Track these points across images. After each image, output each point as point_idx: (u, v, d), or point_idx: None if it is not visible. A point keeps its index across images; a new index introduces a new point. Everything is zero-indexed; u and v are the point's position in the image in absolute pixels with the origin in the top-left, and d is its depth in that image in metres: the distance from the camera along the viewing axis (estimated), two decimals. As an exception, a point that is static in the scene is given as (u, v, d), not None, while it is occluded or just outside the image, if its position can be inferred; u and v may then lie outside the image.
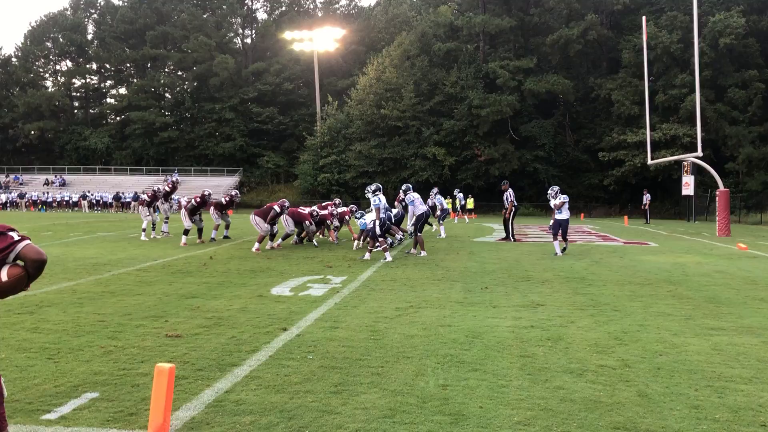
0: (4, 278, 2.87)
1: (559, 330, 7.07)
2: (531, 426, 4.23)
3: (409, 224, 15.52)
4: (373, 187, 15.02)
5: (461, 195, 34.93)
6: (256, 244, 15.50)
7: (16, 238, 2.92)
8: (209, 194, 18.00)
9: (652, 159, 32.73)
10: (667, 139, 42.60)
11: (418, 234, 15.02)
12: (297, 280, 10.59)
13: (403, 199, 16.54)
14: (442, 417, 4.37)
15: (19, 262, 2.91)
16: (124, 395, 4.78)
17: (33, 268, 2.89)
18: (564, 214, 14.89)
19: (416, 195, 15.55)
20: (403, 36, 51.85)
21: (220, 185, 52.06)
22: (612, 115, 47.71)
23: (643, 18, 33.52)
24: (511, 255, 14.53)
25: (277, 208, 16.06)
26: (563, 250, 15.09)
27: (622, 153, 44.93)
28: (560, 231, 14.95)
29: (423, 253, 14.73)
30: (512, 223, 19.16)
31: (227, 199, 18.99)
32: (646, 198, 34.60)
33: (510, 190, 19.16)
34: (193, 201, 17.67)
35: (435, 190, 23.48)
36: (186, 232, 17.25)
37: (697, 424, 4.27)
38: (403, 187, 16.54)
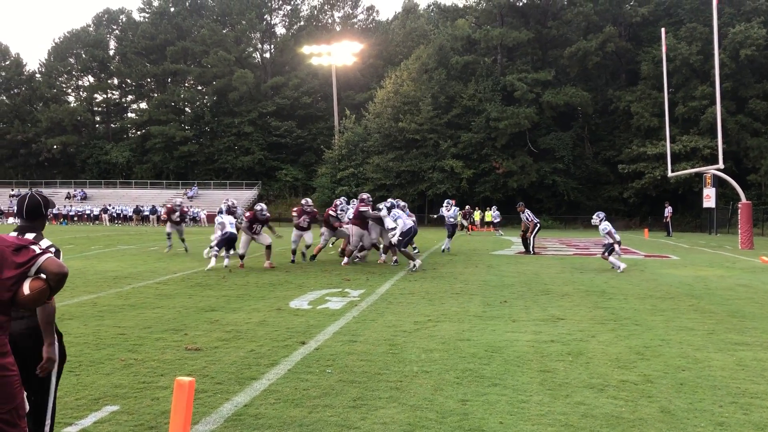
0: (27, 291, 2.89)
1: (580, 344, 7.00)
2: (552, 442, 4.18)
3: (393, 238, 14.32)
4: (387, 204, 15.00)
5: (497, 212, 35.10)
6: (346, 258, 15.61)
7: (38, 251, 2.95)
8: (261, 209, 15.49)
9: (673, 171, 32.45)
10: (688, 151, 42.22)
11: (403, 249, 14.18)
12: (315, 293, 10.59)
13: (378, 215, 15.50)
14: (461, 432, 4.33)
15: (41, 275, 2.93)
16: (144, 408, 4.80)
17: (54, 282, 2.91)
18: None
19: (400, 212, 14.63)
20: (421, 49, 52.02)
21: (239, 198, 52.35)
22: (631, 127, 47.41)
23: (662, 30, 33.37)
24: (530, 268, 14.43)
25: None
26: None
27: (642, 165, 44.58)
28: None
29: (418, 262, 14.21)
30: (534, 237, 19.00)
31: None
32: (668, 211, 34.26)
33: (527, 211, 19.10)
34: (244, 218, 15.81)
35: (450, 201, 22.24)
36: (242, 256, 15.14)
37: (722, 442, 4.20)
38: (387, 203, 15.44)
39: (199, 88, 65.61)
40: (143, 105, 67.28)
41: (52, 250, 3.33)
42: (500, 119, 46.85)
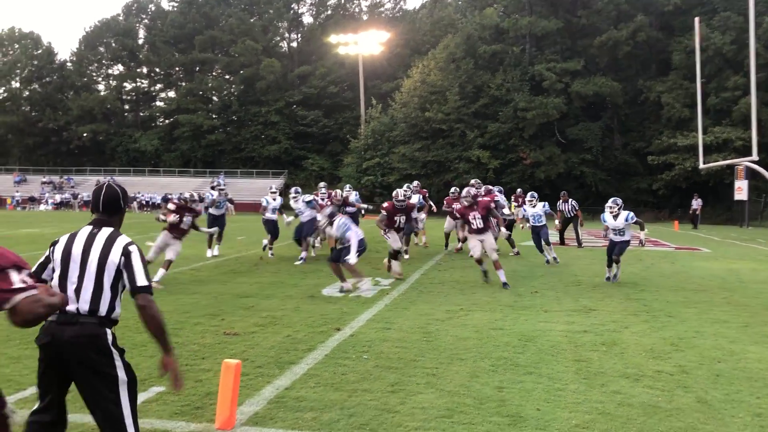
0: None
1: (613, 335, 7.01)
2: (589, 429, 4.24)
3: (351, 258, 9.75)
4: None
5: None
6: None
7: (17, 285, 2.36)
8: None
9: (704, 163, 31.97)
10: (719, 142, 41.50)
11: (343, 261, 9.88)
12: (347, 282, 10.68)
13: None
14: (500, 418, 4.41)
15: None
16: (189, 390, 4.94)
17: (21, 324, 2.36)
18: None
19: (348, 221, 10.33)
20: (449, 38, 51.68)
21: (266, 187, 52.61)
22: (662, 118, 46.70)
23: (696, 19, 32.78)
24: (560, 259, 14.36)
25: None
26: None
27: (672, 157, 43.93)
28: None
29: (347, 285, 9.88)
30: (578, 228, 18.17)
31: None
32: (697, 203, 33.77)
33: (571, 201, 18.29)
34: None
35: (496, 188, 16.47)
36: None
37: (760, 431, 4.22)
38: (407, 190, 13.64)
39: (227, 77, 66.00)
40: (171, 94, 67.87)
41: (36, 293, 2.43)
42: (528, 109, 46.44)
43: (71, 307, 3.02)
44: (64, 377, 3.04)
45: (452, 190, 16.53)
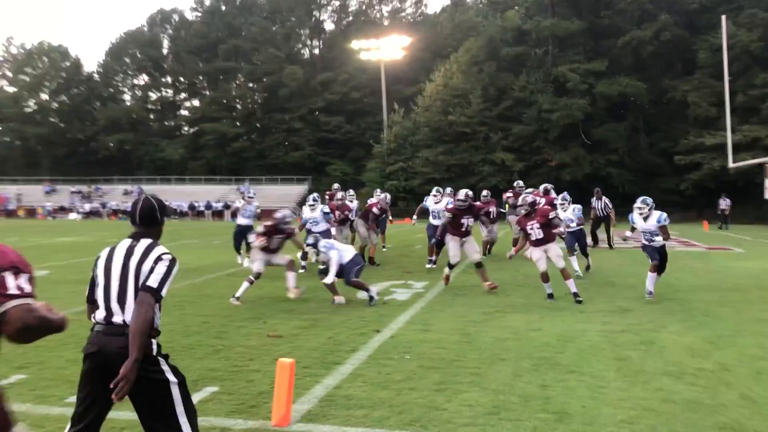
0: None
1: (651, 334, 7.06)
2: (635, 424, 4.32)
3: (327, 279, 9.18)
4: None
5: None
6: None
7: (11, 291, 2.10)
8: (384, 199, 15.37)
9: (733, 162, 31.65)
10: (748, 141, 41.00)
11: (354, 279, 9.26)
12: (379, 285, 10.82)
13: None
14: (546, 415, 4.51)
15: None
16: (242, 389, 5.12)
17: (15, 336, 2.07)
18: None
19: (333, 243, 9.59)
20: (470, 41, 51.73)
21: (290, 193, 53.18)
22: (688, 118, 46.24)
23: (722, 17, 32.51)
24: (592, 260, 14.32)
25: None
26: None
27: (700, 156, 43.47)
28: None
29: (341, 299, 9.23)
30: (611, 228, 17.83)
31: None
32: (725, 203, 33.33)
33: (605, 198, 17.76)
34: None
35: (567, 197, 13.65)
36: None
37: (806, 427, 4.27)
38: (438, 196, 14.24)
39: (250, 85, 66.67)
40: (196, 103, 68.74)
41: (31, 303, 2.14)
42: (552, 111, 46.29)
43: (117, 319, 3.06)
44: (110, 391, 2.92)
45: (483, 194, 15.85)
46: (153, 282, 3.06)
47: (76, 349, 6.34)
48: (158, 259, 3.14)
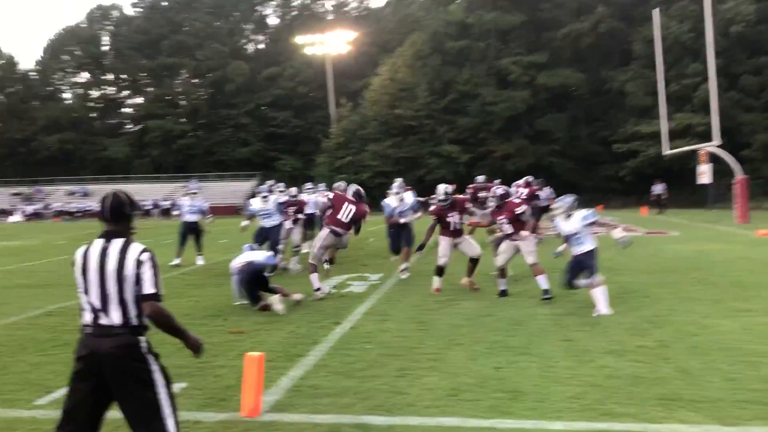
0: None
1: (595, 316, 7.50)
2: (583, 399, 4.68)
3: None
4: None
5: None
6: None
7: None
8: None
9: (669, 149, 32.94)
10: (682, 128, 42.64)
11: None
12: (336, 279, 11.04)
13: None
14: (501, 394, 4.84)
15: None
16: (210, 384, 5.29)
17: None
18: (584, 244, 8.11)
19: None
20: (415, 36, 52.23)
21: (239, 190, 52.71)
22: (626, 107, 47.81)
23: (654, 11, 33.69)
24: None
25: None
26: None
27: (637, 144, 45.04)
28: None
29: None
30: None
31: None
32: (660, 188, 34.49)
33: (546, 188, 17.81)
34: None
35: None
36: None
37: (734, 394, 4.71)
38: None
39: (195, 81, 65.61)
40: (139, 100, 67.29)
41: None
42: (496, 103, 47.24)
43: (104, 321, 3.13)
44: (100, 391, 3.11)
45: (479, 179, 16.59)
46: (150, 288, 3.15)
47: (37, 353, 6.40)
48: (139, 262, 3.18)
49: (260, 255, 8.84)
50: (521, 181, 15.90)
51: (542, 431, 4.10)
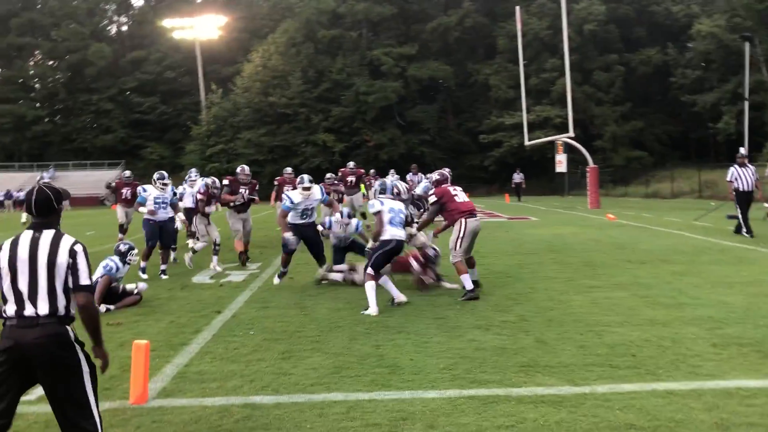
0: None
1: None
2: (454, 370, 5.13)
3: None
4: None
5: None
6: None
7: None
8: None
9: (529, 140, 35.04)
10: (541, 120, 45.47)
11: None
12: (213, 269, 11.01)
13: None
14: (381, 369, 5.19)
15: None
16: (92, 375, 5.24)
17: None
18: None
19: None
20: (288, 23, 51.89)
21: (102, 179, 49.93)
22: (490, 99, 50.21)
23: (517, 8, 35.62)
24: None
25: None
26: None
27: (501, 135, 47.51)
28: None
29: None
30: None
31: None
32: (519, 177, 36.54)
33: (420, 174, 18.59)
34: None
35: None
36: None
37: (584, 359, 5.34)
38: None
39: (51, 63, 61.47)
40: (-14, 82, 62.13)
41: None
42: (369, 93, 48.04)
43: (29, 312, 3.13)
44: (25, 380, 3.19)
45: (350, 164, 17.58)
46: (85, 280, 3.22)
47: None
48: (73, 252, 3.22)
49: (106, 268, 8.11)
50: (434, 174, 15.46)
51: (419, 400, 4.48)
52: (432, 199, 8.35)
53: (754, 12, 37.61)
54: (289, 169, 16.90)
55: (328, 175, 16.24)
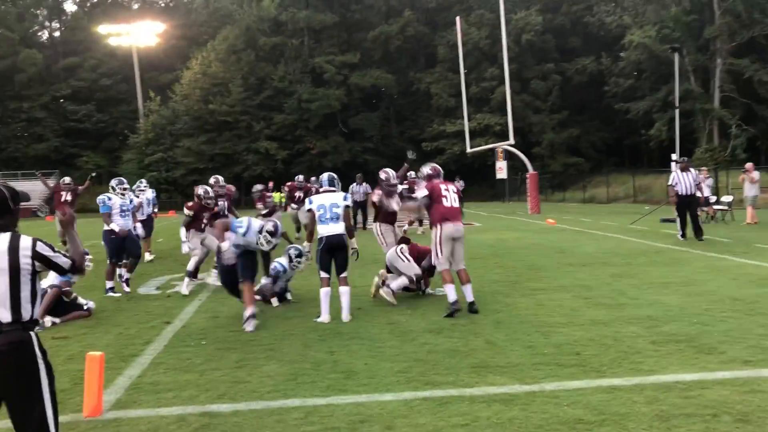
0: None
1: (415, 301, 8.23)
2: (409, 373, 5.25)
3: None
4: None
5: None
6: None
7: None
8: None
9: (471, 147, 35.68)
10: (482, 128, 46.38)
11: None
12: (159, 279, 10.87)
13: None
14: (336, 374, 5.27)
15: None
16: (42, 390, 5.13)
17: None
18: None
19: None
20: (228, 30, 51.41)
21: (34, 189, 48.32)
22: (432, 107, 50.90)
23: (457, 18, 36.29)
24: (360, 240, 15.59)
25: None
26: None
27: (443, 142, 48.22)
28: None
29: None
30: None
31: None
32: (459, 184, 37.19)
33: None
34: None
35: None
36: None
37: (532, 358, 5.54)
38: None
39: (-23, 69, 59.12)
40: None
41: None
42: (311, 101, 48.02)
43: None
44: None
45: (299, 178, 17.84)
46: (65, 264, 3.17)
47: None
48: (37, 255, 3.09)
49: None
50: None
51: (375, 403, 4.57)
52: (423, 192, 8.20)
53: (682, 24, 39.39)
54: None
55: (259, 186, 15.35)
